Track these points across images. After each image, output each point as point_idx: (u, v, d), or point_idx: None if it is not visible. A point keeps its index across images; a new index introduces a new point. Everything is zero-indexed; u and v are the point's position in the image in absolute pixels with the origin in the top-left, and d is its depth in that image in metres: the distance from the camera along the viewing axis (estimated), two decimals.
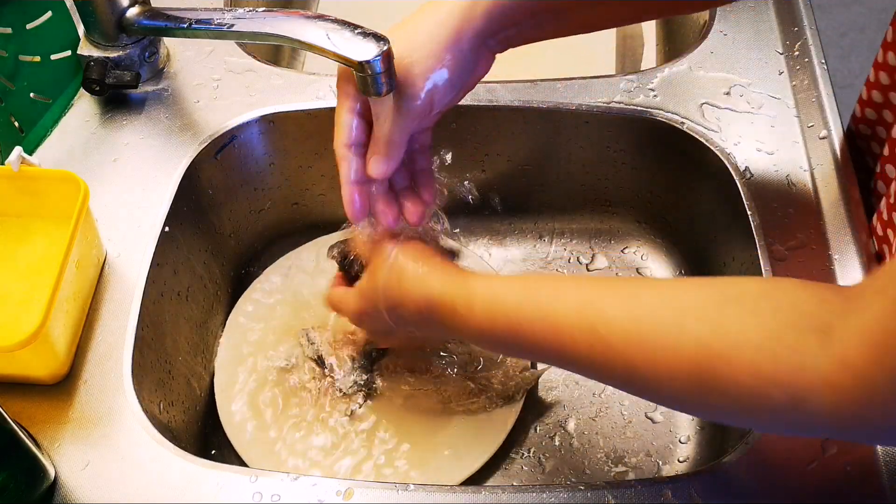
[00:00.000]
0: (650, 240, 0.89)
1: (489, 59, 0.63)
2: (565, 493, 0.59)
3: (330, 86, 0.83)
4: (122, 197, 0.76)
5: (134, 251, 0.73)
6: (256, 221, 0.89)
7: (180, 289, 0.77)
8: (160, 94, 0.84)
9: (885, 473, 0.59)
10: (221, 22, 0.70)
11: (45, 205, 0.71)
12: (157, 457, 0.62)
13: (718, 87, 0.81)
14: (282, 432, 0.76)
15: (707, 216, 0.82)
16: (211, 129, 0.81)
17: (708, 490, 0.59)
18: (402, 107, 0.59)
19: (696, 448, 0.76)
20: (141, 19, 0.78)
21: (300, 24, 0.63)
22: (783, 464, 0.60)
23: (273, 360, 0.80)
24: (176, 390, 0.74)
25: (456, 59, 0.59)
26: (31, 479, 0.58)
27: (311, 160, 0.87)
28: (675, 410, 0.71)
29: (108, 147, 0.80)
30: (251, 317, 0.83)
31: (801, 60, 0.82)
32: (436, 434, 0.74)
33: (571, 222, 0.91)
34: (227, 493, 0.60)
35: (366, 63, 0.56)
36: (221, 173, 0.83)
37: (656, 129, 0.80)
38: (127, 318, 0.69)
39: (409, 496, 0.60)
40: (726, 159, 0.76)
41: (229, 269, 0.88)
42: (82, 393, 0.65)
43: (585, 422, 0.78)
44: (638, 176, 0.86)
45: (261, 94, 0.83)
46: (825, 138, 0.77)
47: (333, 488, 0.60)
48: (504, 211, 0.90)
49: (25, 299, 0.68)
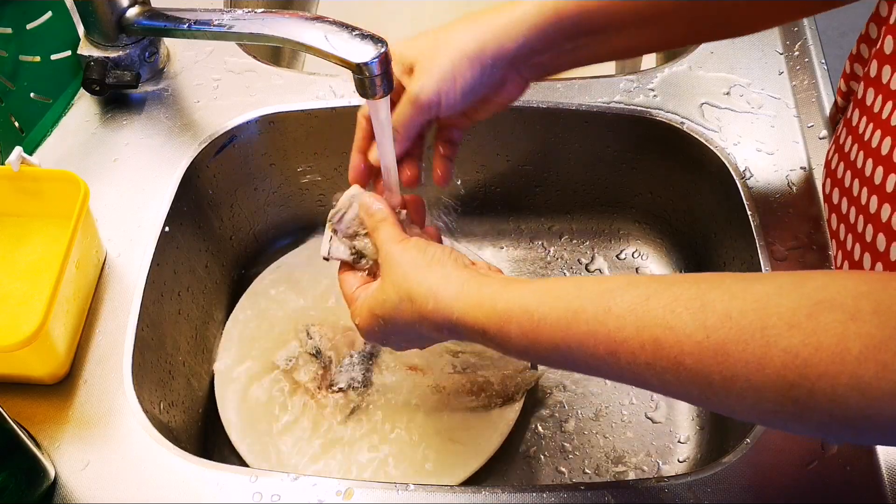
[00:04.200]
0: (650, 240, 0.89)
1: (519, 83, 0.62)
2: (565, 493, 0.59)
3: (330, 86, 0.83)
4: (122, 197, 0.76)
5: (134, 251, 0.73)
6: (256, 221, 0.89)
7: (180, 289, 0.77)
8: (160, 94, 0.84)
9: (886, 473, 0.59)
10: (221, 23, 0.70)
11: (45, 205, 0.71)
12: (157, 457, 0.62)
13: (718, 87, 0.81)
14: (282, 432, 0.76)
15: (707, 216, 0.82)
16: (211, 129, 0.81)
17: (708, 490, 0.59)
18: (408, 98, 0.60)
19: (696, 448, 0.76)
20: (141, 19, 0.78)
21: (299, 25, 0.63)
22: (783, 464, 0.60)
23: (273, 360, 0.80)
24: (176, 390, 0.74)
25: (475, 72, 0.59)
26: (31, 479, 0.58)
27: (311, 160, 0.87)
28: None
29: (108, 147, 0.80)
30: (251, 317, 0.83)
31: (801, 60, 0.82)
32: (435, 433, 0.75)
33: (571, 222, 0.91)
34: (227, 493, 0.60)
35: (363, 65, 0.56)
36: (221, 173, 0.83)
37: (656, 129, 0.80)
38: (127, 318, 0.69)
39: (409, 496, 0.60)
40: (726, 159, 0.76)
41: (229, 269, 0.88)
42: (82, 393, 0.65)
43: (585, 422, 0.78)
44: (638, 176, 0.86)
45: (261, 94, 0.83)
46: (825, 138, 0.77)
47: (333, 488, 0.60)
48: (504, 211, 0.91)
49: (25, 299, 0.68)
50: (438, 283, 0.54)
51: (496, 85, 0.61)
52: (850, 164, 0.62)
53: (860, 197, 0.60)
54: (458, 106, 0.60)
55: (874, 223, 0.58)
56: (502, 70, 0.60)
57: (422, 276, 0.55)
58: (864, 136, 0.60)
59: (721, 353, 0.43)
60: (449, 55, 0.59)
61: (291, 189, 0.89)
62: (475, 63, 0.59)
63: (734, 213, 0.75)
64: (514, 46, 0.59)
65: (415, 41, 0.61)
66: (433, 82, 0.58)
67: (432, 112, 0.60)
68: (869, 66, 0.60)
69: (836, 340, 0.40)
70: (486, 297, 0.53)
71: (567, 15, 0.58)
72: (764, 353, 0.42)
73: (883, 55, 0.58)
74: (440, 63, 0.58)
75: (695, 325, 0.44)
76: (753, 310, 0.43)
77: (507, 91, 0.62)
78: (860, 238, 0.60)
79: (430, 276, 0.55)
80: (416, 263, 0.56)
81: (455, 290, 0.54)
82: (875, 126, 0.58)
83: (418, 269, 0.56)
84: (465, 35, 0.59)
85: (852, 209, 0.62)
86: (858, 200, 0.60)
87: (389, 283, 0.57)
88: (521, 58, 0.60)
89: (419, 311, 0.55)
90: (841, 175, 0.63)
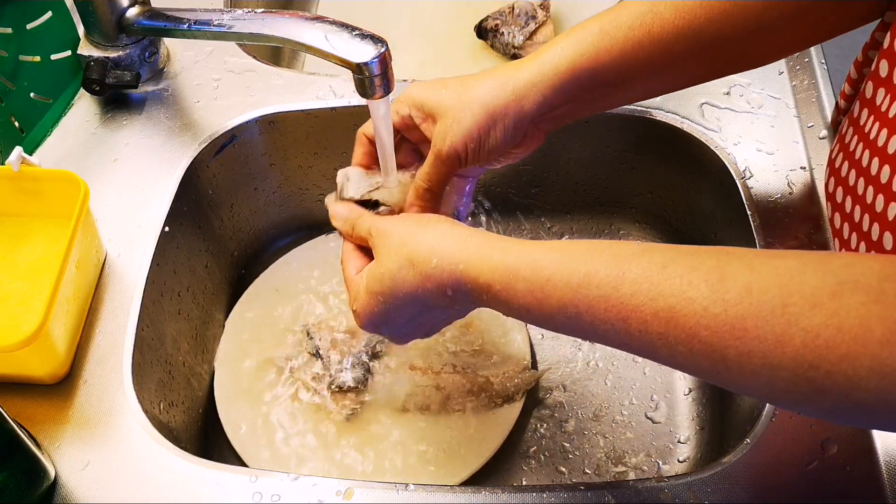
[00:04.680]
0: (650, 240, 0.89)
1: (538, 137, 0.63)
2: (565, 493, 0.59)
3: (330, 86, 0.83)
4: (122, 197, 0.76)
5: (134, 251, 0.73)
6: (256, 221, 0.89)
7: (180, 289, 0.77)
8: (160, 94, 0.84)
9: (886, 473, 0.59)
10: (221, 23, 0.70)
11: (45, 205, 0.71)
12: (157, 457, 0.62)
13: (718, 86, 0.81)
14: (282, 432, 0.76)
15: (707, 216, 0.82)
16: (211, 129, 0.81)
17: (708, 490, 0.59)
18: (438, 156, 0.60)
19: (696, 448, 0.76)
20: (141, 19, 0.78)
21: (299, 25, 0.63)
22: (783, 464, 0.60)
23: (273, 360, 0.80)
24: (176, 390, 0.74)
25: (498, 132, 0.60)
26: (31, 479, 0.58)
27: (311, 160, 0.87)
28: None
29: (108, 147, 0.80)
30: (251, 316, 0.83)
31: (801, 60, 0.82)
32: (435, 433, 0.75)
33: (571, 222, 0.91)
34: (227, 493, 0.60)
35: (363, 65, 0.56)
36: (221, 173, 0.83)
37: (656, 129, 0.80)
38: (127, 318, 0.69)
39: (409, 496, 0.60)
40: (726, 159, 0.76)
41: (229, 269, 0.88)
42: (82, 393, 0.65)
43: (585, 422, 0.78)
44: (638, 176, 0.86)
45: (261, 94, 0.83)
46: (825, 138, 0.77)
47: (333, 488, 0.60)
48: (503, 211, 0.91)
49: (25, 299, 0.68)
50: (440, 240, 0.53)
51: (517, 141, 0.62)
52: (855, 163, 0.62)
53: (865, 195, 0.60)
54: (479, 161, 0.61)
55: (881, 221, 0.58)
56: (523, 128, 0.61)
57: (420, 237, 0.54)
58: (871, 134, 0.60)
59: (739, 328, 0.42)
60: (474, 115, 0.59)
61: (291, 189, 0.89)
62: (499, 123, 0.59)
63: (734, 213, 0.75)
64: (534, 107, 0.59)
65: (434, 90, 0.61)
66: (460, 140, 0.59)
67: (458, 168, 0.61)
68: (878, 66, 0.60)
69: (859, 322, 0.39)
70: (493, 250, 0.51)
71: (583, 70, 0.59)
72: (784, 332, 0.41)
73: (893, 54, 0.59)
74: (465, 121, 0.59)
75: (713, 297, 0.43)
76: (776, 286, 0.42)
77: (526, 144, 0.63)
78: (866, 237, 0.60)
79: (430, 234, 0.54)
80: (411, 228, 0.56)
81: (459, 244, 0.53)
82: (882, 124, 0.58)
83: (415, 232, 0.55)
84: (489, 94, 0.59)
85: (857, 207, 0.62)
86: (864, 199, 0.60)
87: (385, 254, 0.56)
88: (541, 115, 0.60)
89: (421, 271, 0.53)
90: (845, 174, 0.63)
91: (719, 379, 0.45)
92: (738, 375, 0.43)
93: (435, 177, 0.61)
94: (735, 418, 0.70)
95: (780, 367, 0.41)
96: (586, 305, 0.47)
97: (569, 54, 0.59)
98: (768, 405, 0.62)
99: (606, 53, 0.58)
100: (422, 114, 0.62)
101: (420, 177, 0.62)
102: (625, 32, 0.58)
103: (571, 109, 0.61)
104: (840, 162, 0.64)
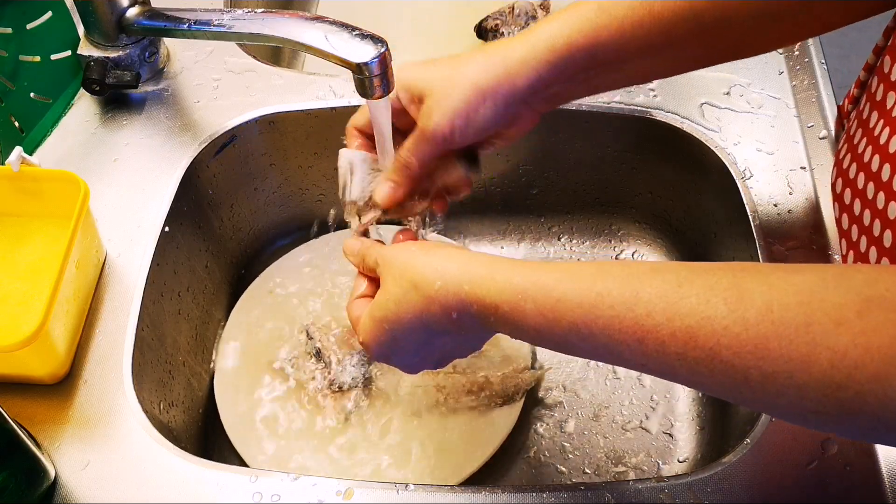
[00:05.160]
0: (650, 240, 0.89)
1: (531, 117, 0.62)
2: (565, 493, 0.59)
3: (330, 86, 0.83)
4: (122, 197, 0.76)
5: (134, 251, 0.73)
6: (256, 221, 0.89)
7: (180, 289, 0.77)
8: (160, 94, 0.84)
9: (886, 473, 0.59)
10: (221, 23, 0.70)
11: (45, 205, 0.71)
12: (157, 457, 0.62)
13: (718, 86, 0.81)
14: (282, 432, 0.76)
15: (707, 216, 0.82)
16: (211, 129, 0.81)
17: (708, 490, 0.59)
18: (423, 134, 0.59)
19: (696, 448, 0.76)
20: (141, 19, 0.78)
21: (299, 25, 0.63)
22: (783, 464, 0.60)
23: (273, 360, 0.80)
24: (176, 390, 0.74)
25: (488, 109, 0.58)
26: (31, 479, 0.58)
27: (311, 160, 0.87)
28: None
29: (108, 147, 0.80)
30: (251, 316, 0.83)
31: (801, 60, 0.82)
32: (435, 433, 0.75)
33: (571, 222, 0.91)
34: (227, 493, 0.60)
35: (363, 65, 0.56)
36: (221, 173, 0.83)
37: (656, 129, 0.80)
38: (127, 318, 0.69)
39: (409, 496, 0.60)
40: (726, 159, 0.76)
41: (229, 269, 0.88)
42: (82, 393, 0.65)
43: (585, 422, 0.78)
44: (638, 176, 0.86)
45: (261, 94, 0.83)
46: (825, 138, 0.77)
47: (333, 488, 0.60)
48: (503, 211, 0.91)
49: (25, 299, 0.68)
50: (444, 262, 0.52)
51: (509, 121, 0.60)
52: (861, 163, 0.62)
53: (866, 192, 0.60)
54: (469, 141, 0.60)
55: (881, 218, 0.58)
56: (515, 107, 0.59)
57: (424, 261, 0.53)
58: (875, 131, 0.60)
59: (762, 348, 0.41)
60: (462, 91, 0.58)
61: (291, 189, 0.89)
62: (489, 100, 0.58)
63: (734, 213, 0.75)
64: (526, 84, 0.58)
65: (424, 70, 0.60)
66: (447, 119, 0.58)
67: (445, 147, 0.60)
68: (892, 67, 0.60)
69: (889, 342, 0.38)
70: (499, 271, 0.50)
71: (579, 48, 0.57)
72: (809, 352, 0.39)
73: None
74: (453, 99, 0.58)
75: (732, 316, 0.42)
76: (796, 303, 0.40)
77: (519, 125, 0.62)
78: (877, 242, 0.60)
79: (433, 258, 0.53)
80: (415, 253, 0.55)
81: (462, 266, 0.51)
82: (885, 123, 0.58)
83: (418, 257, 0.54)
84: (479, 71, 0.58)
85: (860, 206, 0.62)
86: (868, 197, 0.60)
87: (391, 280, 0.55)
88: (534, 93, 0.59)
89: (425, 294, 0.52)
90: (854, 175, 0.63)
91: (742, 398, 0.44)
92: (762, 395, 0.42)
93: (416, 154, 0.60)
94: (735, 418, 0.70)
95: (807, 388, 0.40)
96: (600, 327, 0.46)
97: (566, 31, 0.57)
98: None
99: (605, 30, 0.57)
100: (409, 95, 0.60)
101: (400, 150, 0.60)
102: (625, 10, 0.57)
103: (566, 89, 0.60)
104: (848, 163, 0.64)
